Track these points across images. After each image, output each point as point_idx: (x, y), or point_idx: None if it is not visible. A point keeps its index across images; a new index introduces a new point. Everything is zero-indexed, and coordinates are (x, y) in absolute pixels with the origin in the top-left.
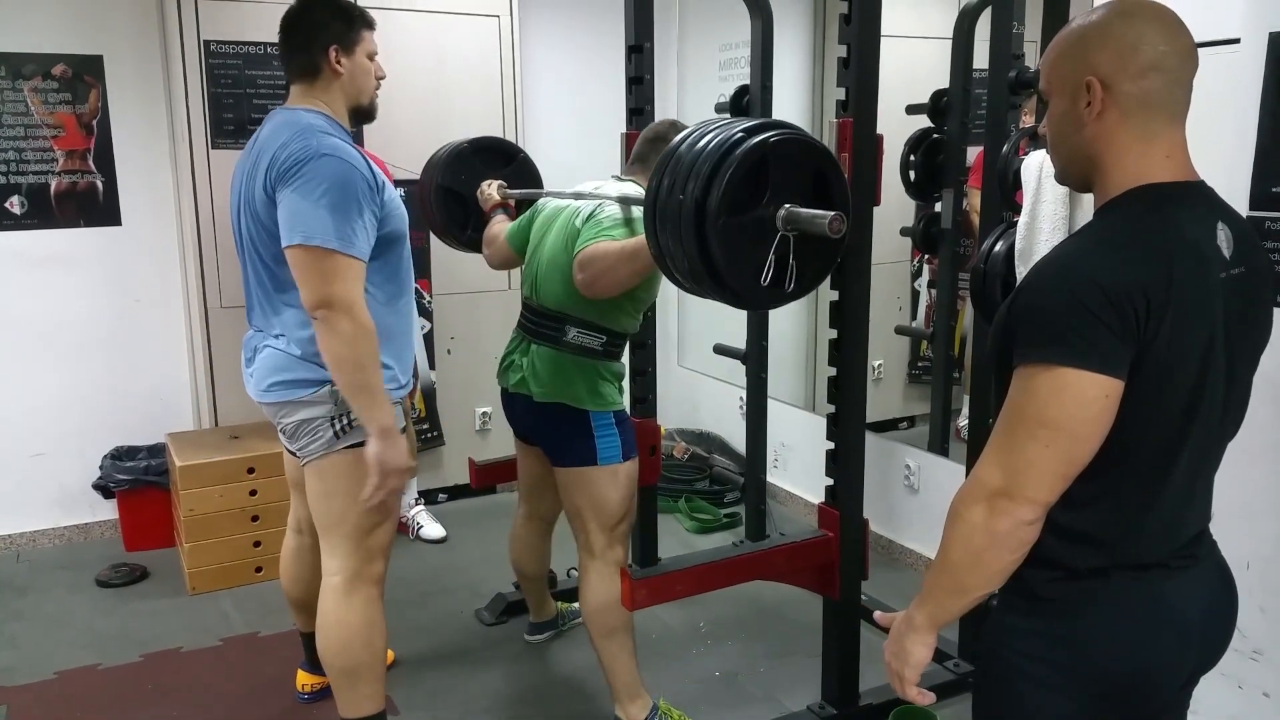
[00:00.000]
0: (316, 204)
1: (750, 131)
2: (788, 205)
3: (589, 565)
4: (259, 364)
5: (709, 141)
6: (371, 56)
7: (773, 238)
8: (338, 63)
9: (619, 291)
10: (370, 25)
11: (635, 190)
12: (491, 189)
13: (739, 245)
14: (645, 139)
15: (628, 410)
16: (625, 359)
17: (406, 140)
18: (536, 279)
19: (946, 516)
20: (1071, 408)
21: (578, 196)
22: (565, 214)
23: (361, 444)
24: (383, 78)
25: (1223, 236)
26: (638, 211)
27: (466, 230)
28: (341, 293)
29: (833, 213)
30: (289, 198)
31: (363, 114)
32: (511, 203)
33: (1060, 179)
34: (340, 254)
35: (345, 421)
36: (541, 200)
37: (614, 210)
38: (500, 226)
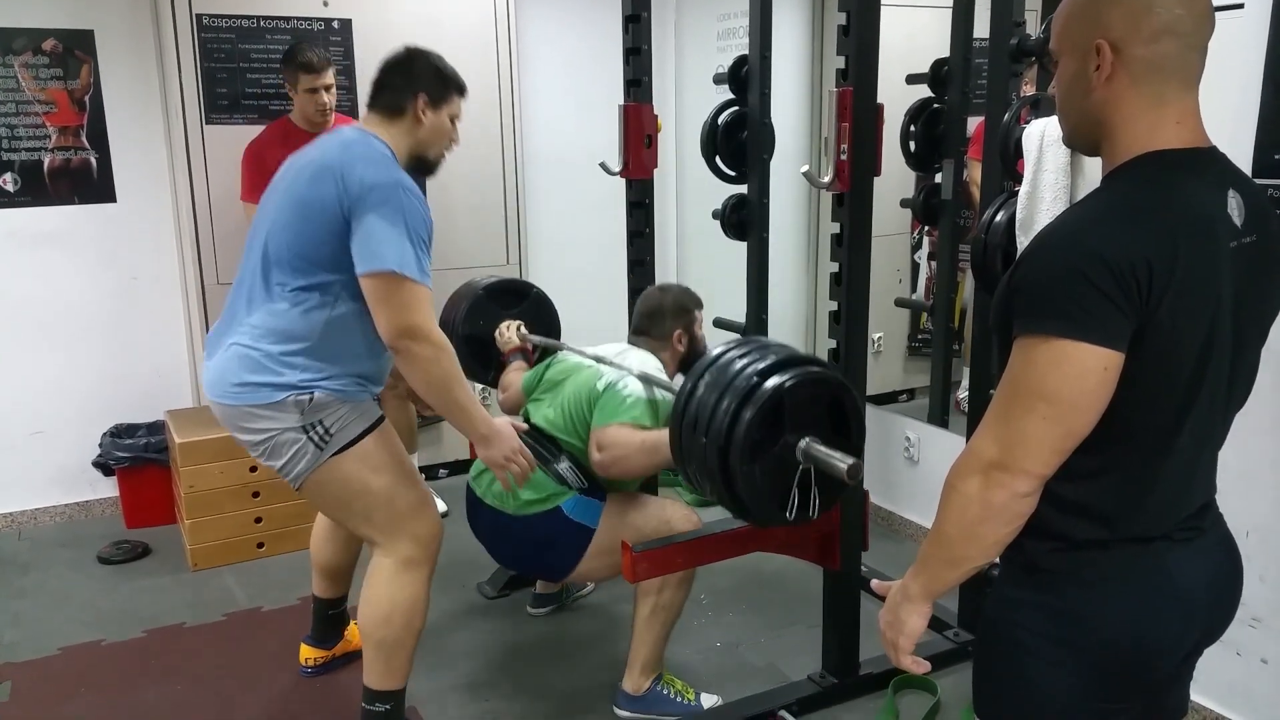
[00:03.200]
0: (400, 235)
1: (765, 374)
2: (808, 439)
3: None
4: (221, 361)
5: (727, 386)
6: (454, 119)
7: (794, 470)
8: (423, 112)
9: (634, 478)
10: (462, 92)
11: (655, 364)
12: (511, 332)
13: (763, 484)
14: (641, 314)
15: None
16: None
17: None
18: (545, 411)
19: (942, 488)
20: (1071, 380)
21: (598, 360)
22: (587, 373)
23: (351, 444)
24: (456, 143)
25: (1234, 204)
26: (659, 392)
27: (490, 372)
28: (420, 321)
29: (850, 461)
30: (373, 222)
31: (425, 166)
32: (530, 347)
33: (1068, 142)
34: (420, 284)
35: (322, 430)
36: (560, 353)
37: (636, 387)
38: (516, 375)
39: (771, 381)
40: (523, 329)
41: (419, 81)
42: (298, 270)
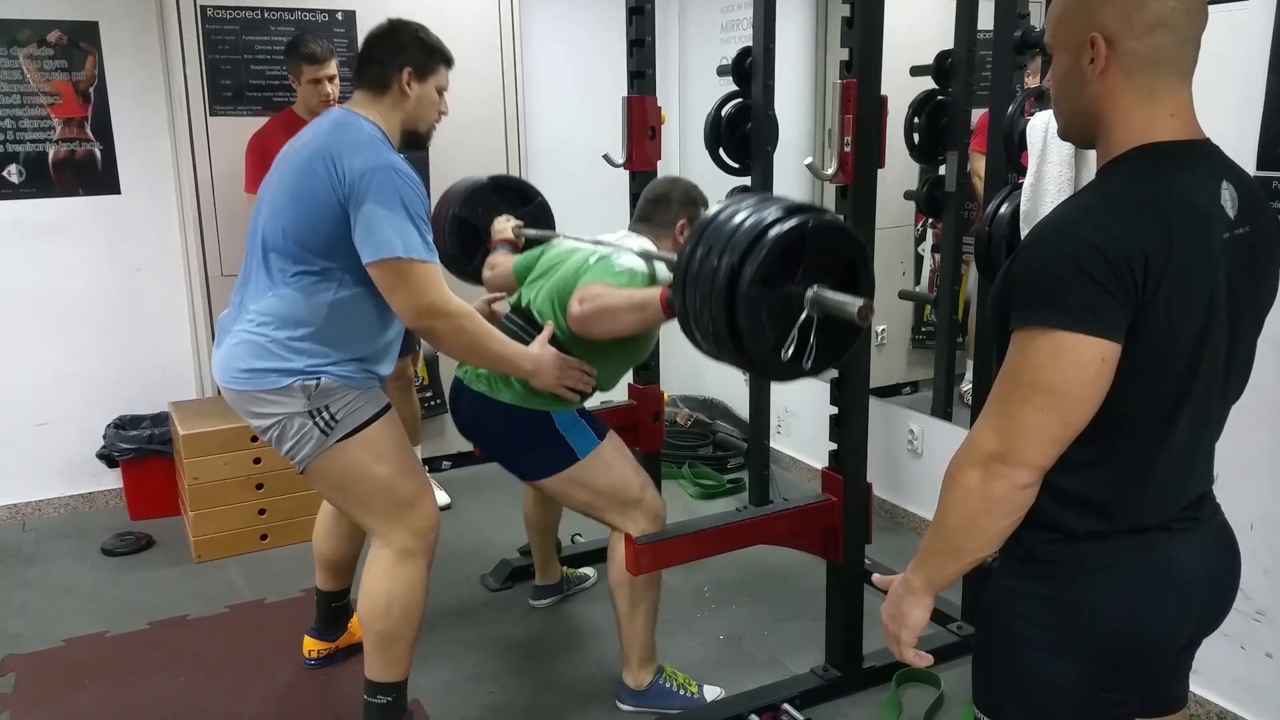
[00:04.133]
0: (400, 217)
1: (789, 212)
2: (816, 287)
3: (618, 537)
4: (229, 348)
5: (747, 217)
6: (441, 91)
7: (797, 315)
8: (408, 84)
9: (610, 335)
10: (448, 63)
11: (653, 248)
12: (507, 225)
13: (765, 317)
14: (647, 199)
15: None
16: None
17: None
18: (537, 294)
19: (943, 480)
20: (1068, 371)
21: (597, 244)
22: (581, 253)
23: (355, 431)
24: (445, 114)
25: (1227, 196)
26: (661, 268)
27: (473, 262)
28: (436, 298)
29: (863, 300)
30: (372, 210)
31: (416, 139)
32: (521, 241)
33: (1063, 135)
34: (429, 263)
35: (328, 415)
36: (557, 239)
37: (632, 259)
38: (505, 257)
39: (795, 219)
40: (521, 227)
41: (403, 54)
42: (297, 257)
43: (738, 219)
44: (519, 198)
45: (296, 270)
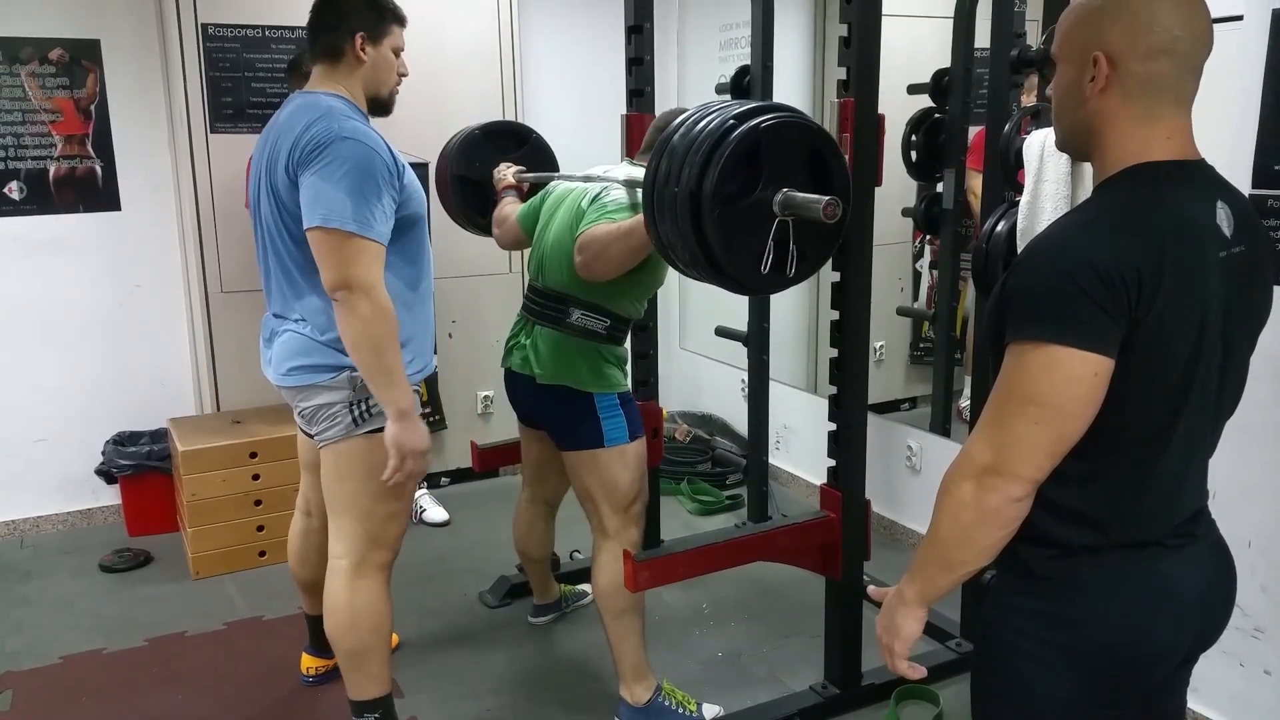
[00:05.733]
0: (337, 186)
1: (742, 117)
2: (784, 190)
3: (602, 545)
4: (278, 347)
5: (702, 128)
6: (397, 52)
7: (771, 223)
8: (362, 50)
9: (616, 273)
10: (401, 21)
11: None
12: (507, 172)
13: (736, 233)
14: (655, 127)
15: (631, 392)
16: (628, 343)
17: (404, 122)
18: (543, 260)
19: (937, 492)
20: (1061, 385)
21: (588, 179)
22: (573, 195)
23: (379, 430)
24: (405, 75)
25: (1223, 215)
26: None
27: (485, 215)
28: (360, 275)
29: (827, 198)
30: (311, 180)
31: (380, 105)
32: (524, 185)
33: (1060, 146)
34: (359, 237)
35: (364, 407)
36: (553, 182)
37: (620, 194)
38: (511, 208)
39: (750, 122)
40: (521, 171)
41: (351, 18)
42: (308, 258)
43: (693, 132)
44: (514, 141)
45: (315, 275)
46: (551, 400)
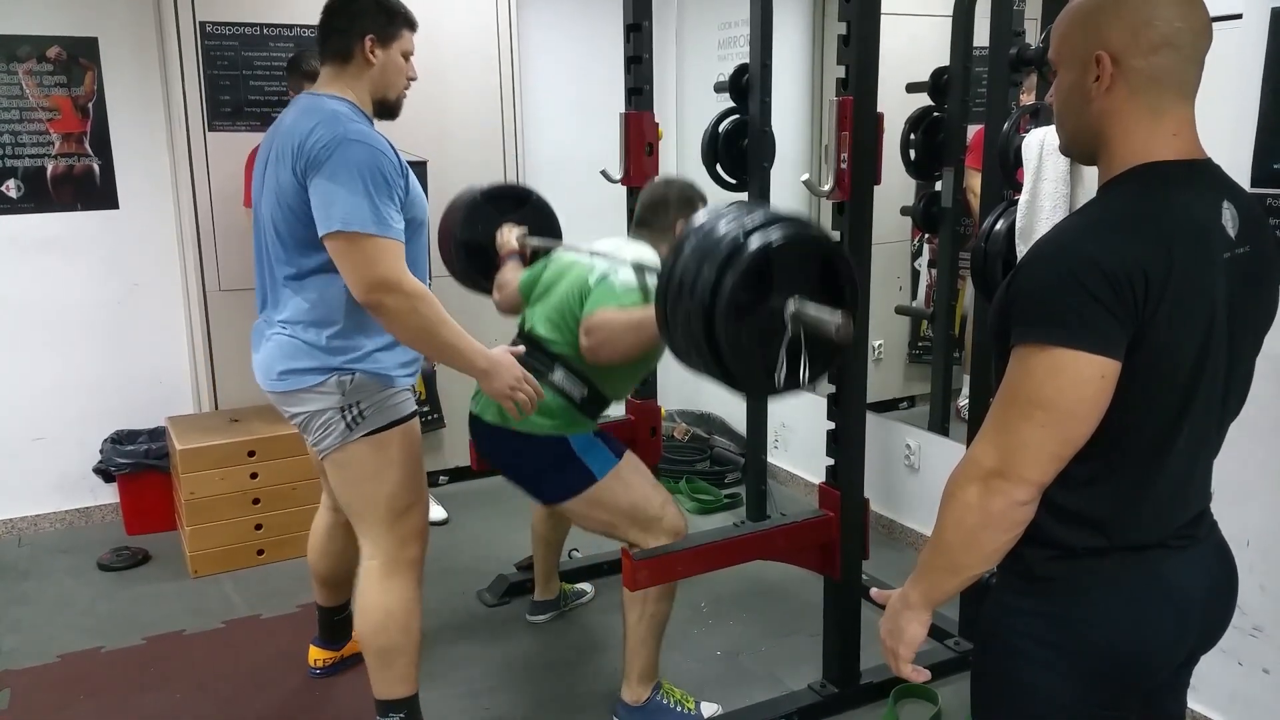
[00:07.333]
0: (352, 190)
1: (751, 232)
2: (796, 300)
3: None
4: (266, 352)
5: (715, 241)
6: (407, 56)
7: (783, 335)
8: (371, 52)
9: (622, 361)
10: (411, 26)
11: (650, 255)
12: (510, 235)
13: (750, 346)
14: (644, 204)
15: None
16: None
17: (402, 120)
18: (540, 316)
19: (942, 495)
20: (1068, 388)
21: (594, 255)
22: (579, 269)
23: (377, 431)
24: (414, 79)
25: (1228, 215)
26: (653, 280)
27: (490, 280)
28: (386, 273)
29: (839, 320)
30: (322, 184)
31: (387, 108)
32: (527, 250)
33: (1065, 151)
34: (380, 237)
35: (356, 411)
36: (557, 251)
37: (628, 276)
38: (513, 274)
39: (757, 240)
40: (525, 234)
41: (363, 20)
42: (301, 253)
43: (706, 244)
44: (514, 203)
45: (305, 270)
46: (526, 449)
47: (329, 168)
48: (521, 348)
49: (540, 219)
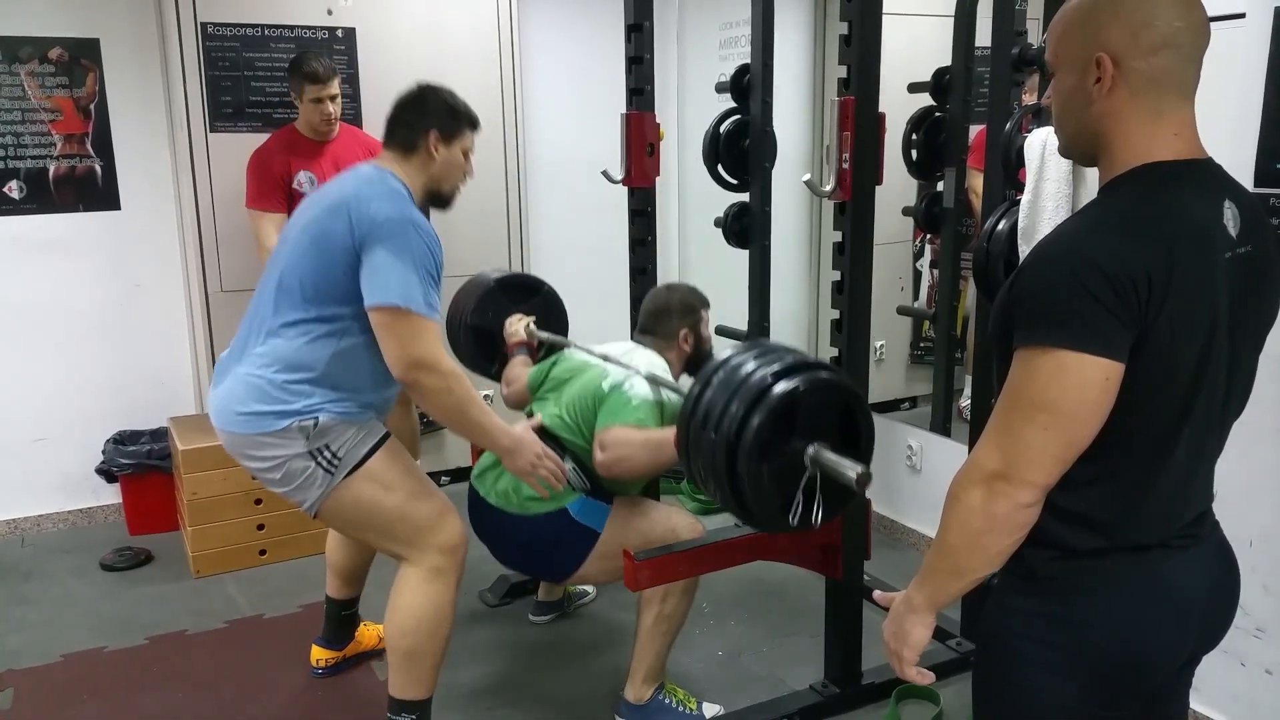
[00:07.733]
0: (409, 270)
1: (779, 376)
2: (817, 446)
3: None
4: (227, 388)
5: (741, 379)
6: (466, 153)
7: (801, 475)
8: (435, 148)
9: (637, 479)
10: (474, 126)
11: (661, 365)
12: (519, 326)
13: (768, 483)
14: (647, 312)
15: None
16: None
17: None
18: (551, 413)
19: (945, 499)
20: (1071, 391)
21: (605, 359)
22: (591, 373)
23: (357, 467)
24: (471, 176)
25: (1229, 215)
26: (665, 394)
27: (494, 365)
28: (425, 353)
29: (859, 470)
30: (382, 256)
31: (440, 200)
32: (535, 343)
33: (1065, 153)
34: (426, 319)
35: (329, 453)
36: (567, 349)
37: (643, 388)
38: (521, 369)
39: (784, 385)
40: (532, 325)
41: (430, 117)
42: (310, 301)
43: (733, 380)
44: (525, 292)
45: (307, 317)
46: (530, 530)
47: (393, 244)
48: (540, 418)
49: (550, 311)
